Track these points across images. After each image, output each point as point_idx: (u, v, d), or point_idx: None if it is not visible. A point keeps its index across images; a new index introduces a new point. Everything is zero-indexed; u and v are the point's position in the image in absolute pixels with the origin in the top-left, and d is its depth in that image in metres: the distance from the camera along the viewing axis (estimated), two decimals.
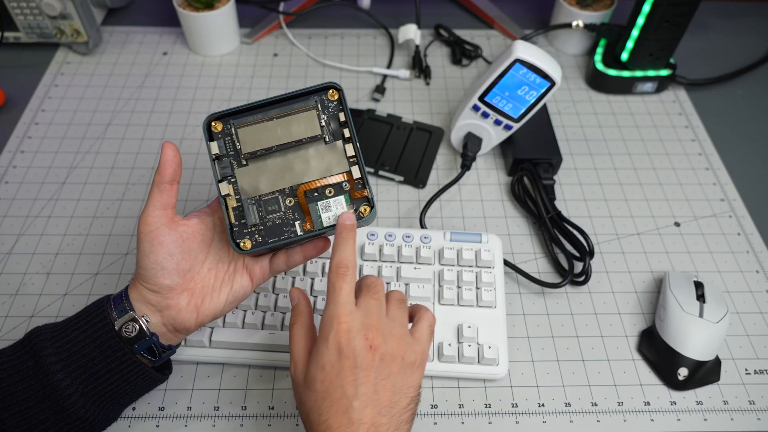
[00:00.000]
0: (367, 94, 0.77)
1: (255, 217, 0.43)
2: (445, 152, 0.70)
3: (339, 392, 0.37)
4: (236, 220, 0.43)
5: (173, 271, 0.42)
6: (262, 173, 0.44)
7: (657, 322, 0.54)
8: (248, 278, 0.45)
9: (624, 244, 0.62)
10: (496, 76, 0.60)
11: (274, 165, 0.44)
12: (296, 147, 0.43)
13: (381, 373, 0.38)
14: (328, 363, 0.38)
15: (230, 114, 0.44)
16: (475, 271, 0.56)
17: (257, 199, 0.43)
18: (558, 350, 0.55)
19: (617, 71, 0.76)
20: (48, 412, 0.40)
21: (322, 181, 0.43)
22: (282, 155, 0.44)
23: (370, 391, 0.37)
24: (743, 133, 0.74)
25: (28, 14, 0.76)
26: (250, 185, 0.44)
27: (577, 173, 0.69)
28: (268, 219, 0.43)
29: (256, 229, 0.43)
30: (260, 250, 0.43)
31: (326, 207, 0.43)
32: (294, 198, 0.43)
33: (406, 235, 0.57)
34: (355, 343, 0.38)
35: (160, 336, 0.43)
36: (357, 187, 0.43)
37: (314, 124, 0.44)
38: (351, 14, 0.88)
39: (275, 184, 0.43)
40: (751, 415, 0.51)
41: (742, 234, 0.63)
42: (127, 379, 0.43)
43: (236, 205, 0.43)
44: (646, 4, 0.69)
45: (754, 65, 0.81)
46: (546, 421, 0.50)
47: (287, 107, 0.44)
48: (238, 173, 0.44)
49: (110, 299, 0.43)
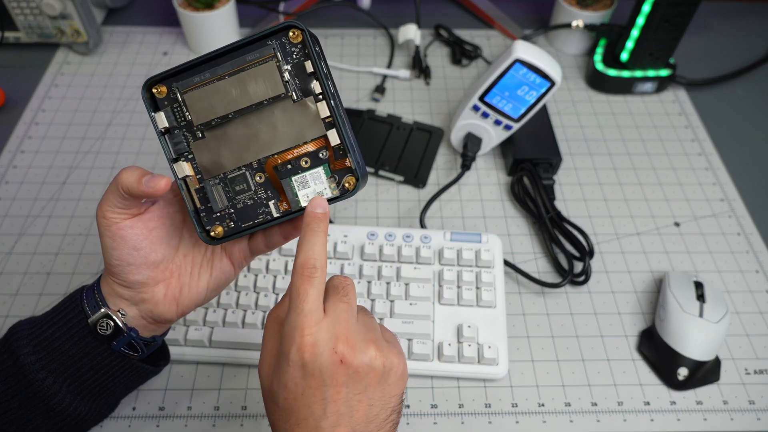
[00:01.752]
0: (367, 94, 0.77)
1: (222, 200, 0.37)
2: (445, 152, 0.70)
3: (305, 411, 0.33)
4: (202, 204, 0.37)
5: (142, 266, 0.38)
6: (222, 145, 0.36)
7: (657, 322, 0.54)
8: (229, 262, 0.41)
9: (624, 244, 0.62)
10: (496, 76, 0.60)
11: (235, 134, 0.36)
12: (259, 110, 0.36)
13: (355, 388, 0.33)
14: (291, 381, 0.33)
15: (173, 75, 0.36)
16: (475, 271, 0.56)
17: (222, 177, 0.37)
18: (558, 350, 0.55)
19: (617, 71, 0.76)
20: (35, 412, 0.39)
21: (294, 151, 0.36)
22: (243, 121, 0.36)
23: (342, 409, 0.33)
24: (743, 132, 0.74)
25: (28, 14, 0.76)
26: (210, 162, 0.37)
27: (577, 173, 0.69)
28: (237, 200, 0.37)
29: (226, 212, 0.37)
30: (234, 238, 0.38)
31: (302, 183, 0.36)
32: (264, 174, 0.37)
33: (406, 235, 0.57)
34: (322, 360, 0.32)
35: (141, 329, 0.40)
36: (337, 155, 0.36)
37: (275, 79, 0.35)
38: (351, 14, 0.88)
39: (240, 158, 0.36)
40: (750, 415, 0.51)
41: (742, 234, 0.63)
42: (113, 375, 0.41)
43: (199, 186, 0.37)
44: (646, 4, 0.69)
45: (754, 65, 0.81)
46: (546, 420, 0.50)
47: (239, 60, 0.35)
48: (194, 148, 0.37)
49: (83, 292, 0.40)
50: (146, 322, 0.40)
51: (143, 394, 0.51)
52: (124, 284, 0.39)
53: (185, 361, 0.53)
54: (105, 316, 0.38)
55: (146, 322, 0.40)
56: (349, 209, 0.64)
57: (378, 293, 0.54)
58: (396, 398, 0.36)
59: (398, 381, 0.35)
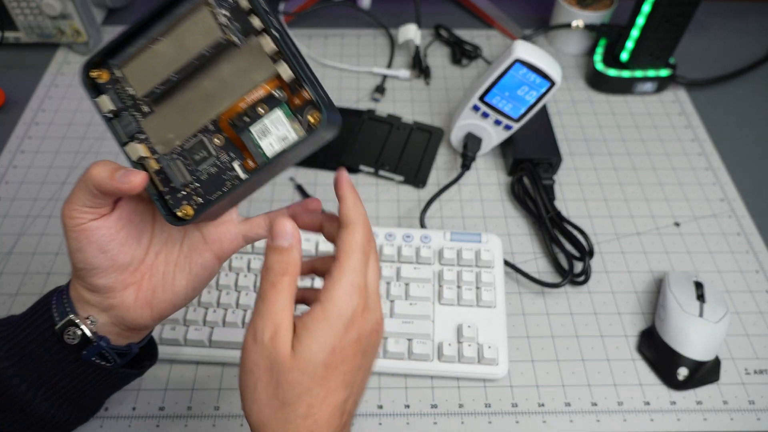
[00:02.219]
0: (367, 94, 0.77)
1: (184, 174, 0.34)
2: (445, 152, 0.70)
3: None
4: (165, 186, 0.34)
5: (109, 269, 0.35)
6: (174, 114, 0.34)
7: (657, 322, 0.54)
8: (211, 255, 0.37)
9: (624, 244, 0.62)
10: (496, 76, 0.60)
11: (184, 99, 0.33)
12: (203, 67, 0.33)
13: (357, 355, 0.33)
14: (349, 351, 0.32)
15: (109, 52, 0.34)
16: (475, 271, 0.56)
17: (179, 150, 0.34)
18: (558, 350, 0.55)
19: (617, 71, 0.76)
20: (14, 418, 0.37)
21: (247, 98, 0.32)
22: (190, 83, 0.33)
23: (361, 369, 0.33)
24: (743, 132, 0.74)
25: (28, 14, 0.76)
26: (164, 137, 0.34)
27: (577, 173, 0.69)
28: (200, 171, 0.34)
29: (191, 188, 0.34)
30: (207, 212, 0.34)
31: (263, 131, 0.33)
32: (222, 134, 0.33)
33: (406, 235, 0.57)
34: (349, 309, 0.32)
35: (114, 337, 0.37)
36: (293, 90, 0.32)
37: (210, 26, 0.32)
38: (351, 14, 0.88)
39: (193, 122, 0.34)
40: (750, 415, 0.51)
41: (742, 234, 0.63)
42: (89, 383, 0.38)
43: (158, 167, 0.34)
44: (646, 4, 0.69)
45: (754, 65, 0.81)
46: (546, 420, 0.50)
47: (171, 16, 0.33)
48: (145, 125, 0.34)
49: (54, 294, 0.37)
50: (119, 329, 0.37)
51: (143, 394, 0.51)
52: (90, 289, 0.36)
53: (185, 361, 0.53)
54: (71, 324, 0.36)
55: (119, 329, 0.37)
56: None
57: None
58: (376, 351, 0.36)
59: (380, 330, 0.35)
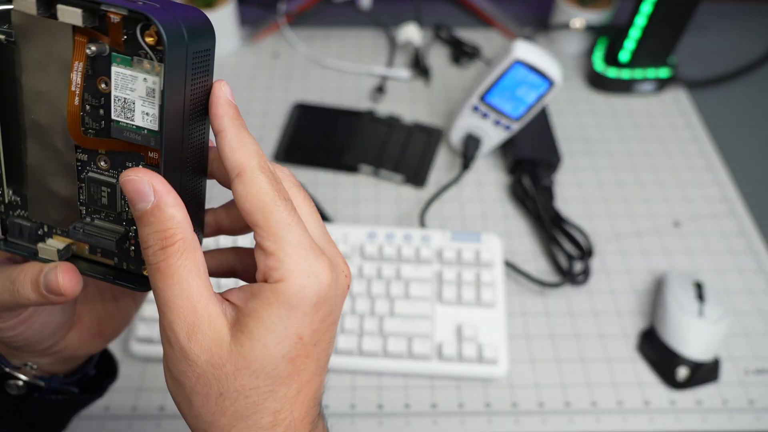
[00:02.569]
0: (367, 95, 0.77)
1: (113, 228, 0.26)
2: (445, 152, 0.71)
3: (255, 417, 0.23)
4: (109, 257, 0.27)
5: (33, 352, 0.31)
6: (39, 178, 0.26)
7: (657, 322, 0.54)
8: None
9: (624, 244, 0.62)
10: (495, 77, 0.60)
11: (31, 156, 0.26)
12: (6, 100, 0.25)
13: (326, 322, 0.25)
14: (307, 332, 0.24)
15: None
16: (475, 271, 0.56)
17: (83, 210, 0.26)
18: (558, 350, 0.55)
19: (617, 71, 0.76)
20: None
21: (74, 90, 0.24)
22: (13, 130, 0.25)
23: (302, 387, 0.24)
24: (743, 132, 0.74)
25: None
26: (56, 208, 0.27)
27: (577, 173, 0.69)
28: (120, 210, 0.26)
29: (132, 231, 0.26)
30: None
31: (123, 107, 0.23)
32: (97, 153, 0.25)
33: (406, 235, 0.57)
34: (332, 294, 0.24)
35: (64, 366, 0.33)
36: (103, 29, 0.23)
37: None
38: (351, 14, 0.88)
39: (63, 170, 0.26)
40: (750, 414, 0.51)
41: (742, 234, 0.63)
42: (44, 420, 0.34)
43: (86, 245, 0.27)
44: (646, 4, 0.69)
45: (754, 65, 0.81)
46: (545, 420, 0.51)
47: None
48: (34, 215, 0.27)
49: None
50: (69, 364, 0.33)
51: (143, 394, 0.51)
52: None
53: None
54: (8, 377, 0.31)
55: (69, 364, 0.33)
56: (349, 209, 0.64)
57: (378, 293, 0.54)
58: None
59: (345, 290, 0.26)
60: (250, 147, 0.24)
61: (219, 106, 0.24)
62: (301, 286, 0.23)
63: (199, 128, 0.25)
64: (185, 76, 0.23)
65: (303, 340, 0.23)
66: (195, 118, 0.25)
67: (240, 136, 0.24)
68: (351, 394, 0.52)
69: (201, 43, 0.23)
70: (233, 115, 0.24)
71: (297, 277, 0.23)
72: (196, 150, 0.26)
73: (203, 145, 0.26)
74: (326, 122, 0.72)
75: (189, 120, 0.24)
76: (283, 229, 0.23)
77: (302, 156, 0.69)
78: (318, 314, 0.24)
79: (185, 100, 0.23)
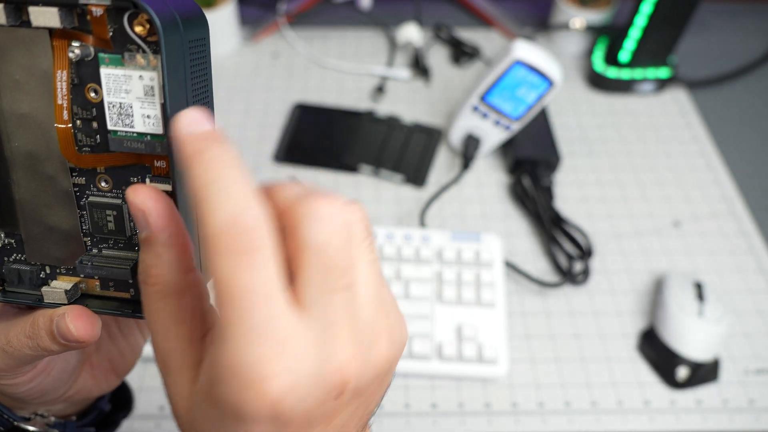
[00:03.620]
0: (367, 95, 0.77)
1: (125, 255, 0.24)
2: (445, 152, 0.71)
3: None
4: (122, 289, 0.25)
5: (47, 401, 0.29)
6: (35, 212, 0.23)
7: (656, 322, 0.55)
8: None
9: (623, 244, 0.62)
10: (495, 77, 0.60)
11: (21, 189, 0.23)
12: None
13: (356, 404, 0.21)
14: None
15: None
16: (475, 271, 0.56)
17: (89, 240, 0.24)
18: (557, 350, 0.55)
19: (617, 71, 0.76)
20: None
21: (61, 103, 0.21)
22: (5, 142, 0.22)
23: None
24: (743, 132, 0.74)
25: None
26: (58, 242, 0.24)
27: (577, 173, 0.69)
28: (130, 234, 0.23)
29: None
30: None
31: (120, 113, 0.21)
32: (97, 173, 0.22)
33: (406, 235, 0.57)
34: (308, 404, 0.18)
35: (78, 407, 0.32)
36: (86, 28, 0.20)
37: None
38: (351, 15, 0.88)
39: (61, 197, 0.23)
40: (750, 414, 0.51)
41: (742, 234, 0.63)
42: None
43: (96, 281, 0.25)
44: (646, 4, 0.69)
45: (754, 65, 0.81)
46: (545, 420, 0.51)
47: None
48: (32, 256, 0.24)
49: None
50: (82, 404, 0.32)
51: (143, 394, 0.51)
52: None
53: None
54: (17, 431, 0.29)
55: (82, 404, 0.32)
56: None
57: None
58: (387, 386, 0.23)
59: (393, 366, 0.22)
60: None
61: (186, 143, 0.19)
62: None
63: None
64: (185, 67, 0.21)
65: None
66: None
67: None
68: None
69: (195, 31, 0.21)
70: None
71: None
72: None
73: None
74: (326, 122, 0.72)
75: None
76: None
77: (302, 156, 0.69)
78: None
79: (188, 94, 0.21)
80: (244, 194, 0.18)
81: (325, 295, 0.19)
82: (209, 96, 0.23)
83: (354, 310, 0.19)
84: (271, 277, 0.18)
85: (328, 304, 0.19)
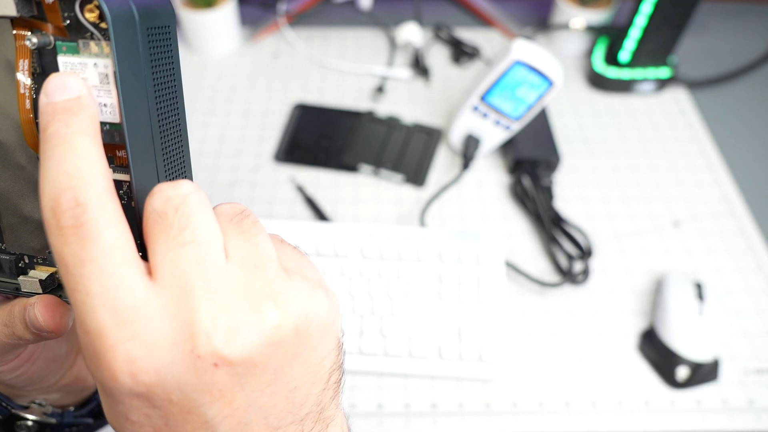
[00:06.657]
0: (367, 95, 0.77)
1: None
2: (444, 152, 0.71)
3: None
4: None
5: (40, 389, 0.29)
6: (11, 204, 0.23)
7: (656, 322, 0.55)
8: None
9: (623, 244, 0.62)
10: (495, 77, 0.60)
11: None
12: None
13: (257, 384, 0.20)
14: (137, 417, 0.19)
15: None
16: (475, 271, 0.56)
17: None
18: (558, 349, 0.55)
19: (617, 71, 0.76)
20: None
21: (23, 93, 0.22)
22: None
23: (247, 417, 0.20)
24: (743, 132, 0.74)
25: None
26: (31, 233, 0.24)
27: (577, 173, 0.69)
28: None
29: None
30: None
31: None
32: (36, 158, 0.22)
33: (406, 234, 0.57)
34: (173, 377, 0.18)
35: (76, 396, 0.32)
36: (46, 9, 0.20)
37: None
38: (351, 15, 0.88)
39: (28, 188, 0.23)
40: (750, 414, 0.51)
41: (742, 234, 0.63)
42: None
43: None
44: (646, 4, 0.69)
45: (754, 65, 0.81)
46: (546, 420, 0.51)
47: None
48: (11, 245, 0.25)
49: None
50: (80, 393, 0.32)
51: None
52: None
53: None
54: (16, 419, 0.29)
55: (80, 393, 0.32)
56: (349, 209, 0.65)
57: (378, 292, 0.54)
58: (330, 356, 0.22)
59: (326, 331, 0.21)
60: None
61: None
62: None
63: (172, 118, 0.23)
64: (140, 54, 0.20)
65: None
66: (165, 106, 0.22)
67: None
68: (351, 394, 0.52)
69: (155, 18, 0.21)
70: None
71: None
72: (171, 143, 0.23)
73: (181, 136, 0.23)
74: (326, 122, 0.72)
75: (157, 108, 0.22)
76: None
77: (302, 156, 0.69)
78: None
79: (147, 83, 0.21)
80: (76, 168, 0.18)
81: (168, 253, 0.19)
82: (175, 86, 0.23)
83: (210, 272, 0.19)
84: (111, 248, 0.18)
85: (175, 264, 0.18)
